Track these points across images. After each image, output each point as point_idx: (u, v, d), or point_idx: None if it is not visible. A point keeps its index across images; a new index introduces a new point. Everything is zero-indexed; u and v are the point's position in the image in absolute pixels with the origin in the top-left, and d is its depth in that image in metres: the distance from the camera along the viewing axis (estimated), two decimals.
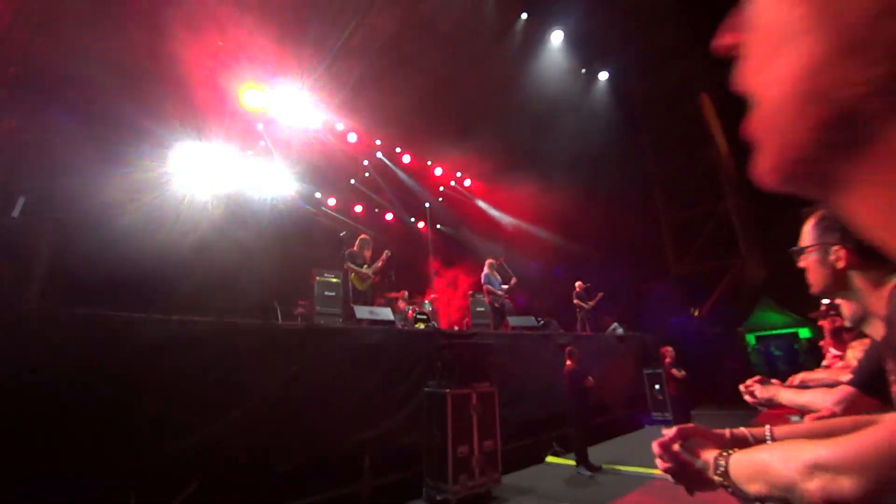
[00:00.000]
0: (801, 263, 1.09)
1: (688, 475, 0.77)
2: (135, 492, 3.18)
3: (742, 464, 0.68)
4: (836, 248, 0.96)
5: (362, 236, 7.47)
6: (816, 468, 0.54)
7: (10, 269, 3.62)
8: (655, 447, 0.81)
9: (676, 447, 0.78)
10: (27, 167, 5.39)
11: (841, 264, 0.96)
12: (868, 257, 0.93)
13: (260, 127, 9.84)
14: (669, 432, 0.80)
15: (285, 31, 8.17)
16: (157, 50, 7.27)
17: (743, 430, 0.83)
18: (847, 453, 0.52)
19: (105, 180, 7.07)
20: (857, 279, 0.96)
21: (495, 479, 4.81)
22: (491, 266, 8.55)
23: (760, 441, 0.80)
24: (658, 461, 0.81)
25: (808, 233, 1.06)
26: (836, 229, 0.97)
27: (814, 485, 0.54)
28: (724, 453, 0.71)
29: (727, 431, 0.83)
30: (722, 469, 0.69)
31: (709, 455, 0.74)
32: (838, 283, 0.99)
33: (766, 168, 0.33)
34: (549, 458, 6.34)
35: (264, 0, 7.78)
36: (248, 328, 4.07)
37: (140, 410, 3.24)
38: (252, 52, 8.23)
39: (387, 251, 7.47)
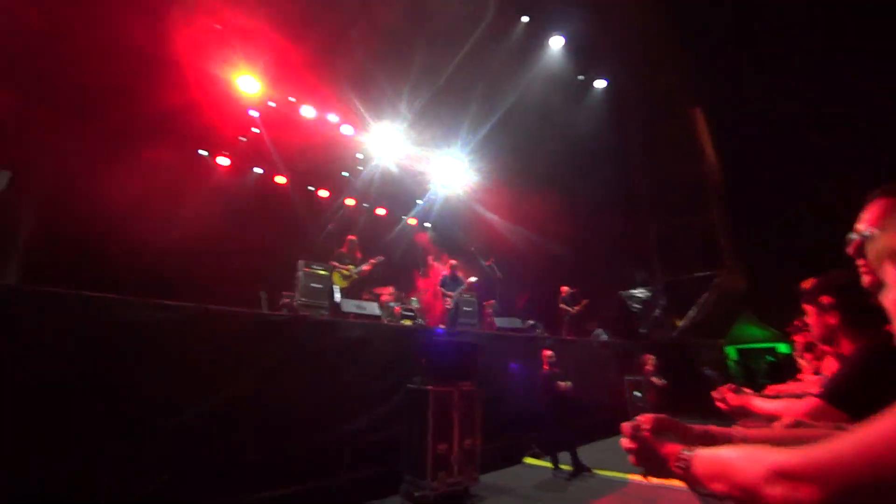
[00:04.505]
0: (854, 250, 0.97)
1: (650, 460, 0.79)
2: (107, 477, 3.14)
3: (705, 461, 0.69)
4: None
5: (350, 237, 7.47)
6: (779, 475, 0.55)
7: None
8: (626, 427, 0.84)
9: (647, 433, 0.81)
10: (15, 142, 5.28)
11: None
12: None
13: (253, 114, 9.74)
14: (644, 418, 0.83)
15: (284, 18, 8.10)
16: (153, 34, 7.15)
17: (712, 427, 0.86)
18: (809, 462, 0.53)
19: (96, 162, 6.95)
20: None
21: (474, 478, 4.84)
22: (453, 268, 8.63)
23: (726, 440, 0.83)
24: (624, 440, 0.84)
25: (881, 215, 0.89)
26: None
27: (776, 491, 0.55)
28: (689, 449, 0.73)
29: (696, 427, 0.85)
30: (685, 464, 0.71)
31: (673, 448, 0.76)
32: None
33: None
34: (528, 459, 6.40)
35: None
36: (231, 316, 4.03)
37: (115, 395, 3.19)
38: (249, 37, 8.15)
39: (380, 257, 7.48)
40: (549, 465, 5.85)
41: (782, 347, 14.05)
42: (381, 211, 14.12)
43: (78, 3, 6.36)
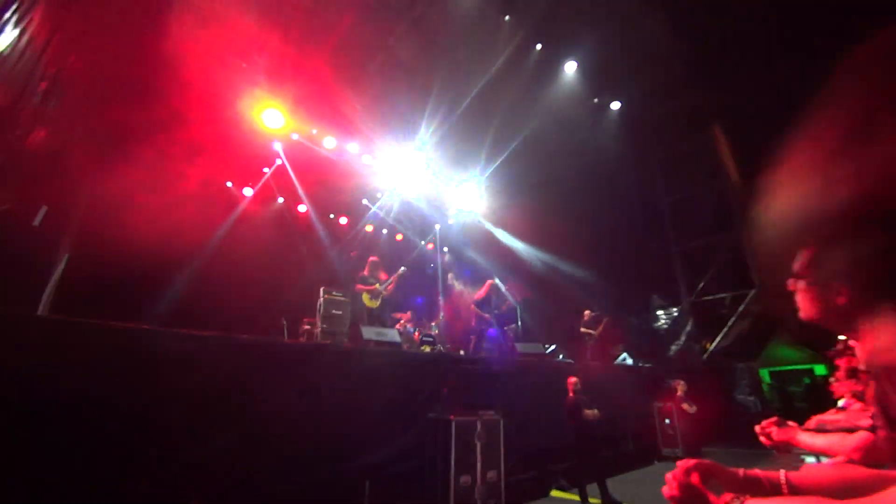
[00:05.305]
0: None
1: None
2: None
3: None
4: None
5: (372, 259, 7.51)
6: None
7: (28, 276, 3.68)
8: (670, 475, 0.79)
9: (695, 480, 0.76)
10: (52, 177, 5.55)
11: None
12: None
13: (277, 146, 10.06)
14: (687, 463, 0.78)
15: (305, 53, 8.43)
16: (183, 73, 7.51)
17: (757, 471, 0.81)
18: None
19: (127, 195, 7.23)
20: None
21: None
22: (492, 287, 8.47)
23: (776, 487, 0.77)
24: (667, 487, 0.79)
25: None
26: None
27: None
28: (738, 499, 0.68)
29: (741, 471, 0.80)
30: None
31: (720, 498, 0.72)
32: None
33: None
34: (554, 493, 6.15)
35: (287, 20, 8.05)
36: (252, 344, 4.06)
37: (141, 423, 3.22)
38: (274, 74, 8.50)
39: (403, 268, 7.53)
40: (576, 498, 5.60)
41: (819, 369, 13.35)
42: (399, 236, 14.25)
43: (109, 42, 6.74)
